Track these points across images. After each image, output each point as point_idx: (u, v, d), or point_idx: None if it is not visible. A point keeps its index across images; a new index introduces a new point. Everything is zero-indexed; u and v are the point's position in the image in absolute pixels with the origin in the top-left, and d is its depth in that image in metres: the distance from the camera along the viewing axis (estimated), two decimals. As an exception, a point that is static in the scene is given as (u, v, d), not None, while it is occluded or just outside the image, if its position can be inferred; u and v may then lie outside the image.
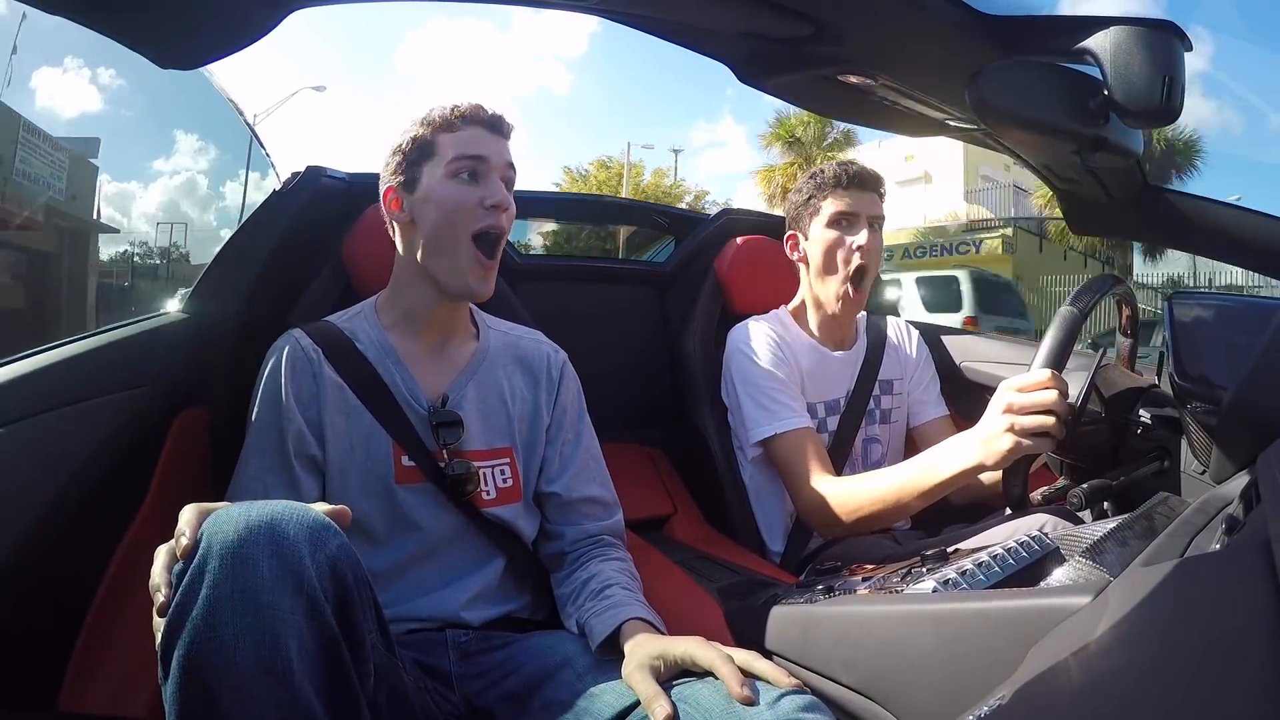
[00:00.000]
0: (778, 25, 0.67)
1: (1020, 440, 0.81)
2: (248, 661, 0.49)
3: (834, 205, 1.17)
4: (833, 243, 1.17)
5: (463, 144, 0.83)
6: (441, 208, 0.82)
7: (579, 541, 0.90)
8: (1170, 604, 0.46)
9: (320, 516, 0.56)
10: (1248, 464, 0.68)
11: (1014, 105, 0.63)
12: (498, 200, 0.83)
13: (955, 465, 0.89)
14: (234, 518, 0.52)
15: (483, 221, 0.83)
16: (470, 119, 0.84)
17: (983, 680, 0.58)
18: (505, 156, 0.85)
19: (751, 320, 1.23)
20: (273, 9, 0.51)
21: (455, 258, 0.83)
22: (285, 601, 0.50)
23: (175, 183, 11.58)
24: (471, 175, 0.83)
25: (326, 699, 0.52)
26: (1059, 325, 0.86)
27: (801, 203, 1.21)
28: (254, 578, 0.50)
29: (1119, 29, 0.59)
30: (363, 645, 0.56)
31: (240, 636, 0.49)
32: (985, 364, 1.38)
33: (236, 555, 0.50)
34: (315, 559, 0.53)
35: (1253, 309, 0.80)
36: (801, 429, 1.12)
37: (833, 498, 1.04)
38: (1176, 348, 0.75)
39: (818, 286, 1.21)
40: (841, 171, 1.18)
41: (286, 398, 0.81)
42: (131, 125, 8.42)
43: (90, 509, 0.82)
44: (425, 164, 0.84)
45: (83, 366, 0.86)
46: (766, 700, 0.60)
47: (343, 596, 0.54)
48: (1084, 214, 1.12)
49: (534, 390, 0.93)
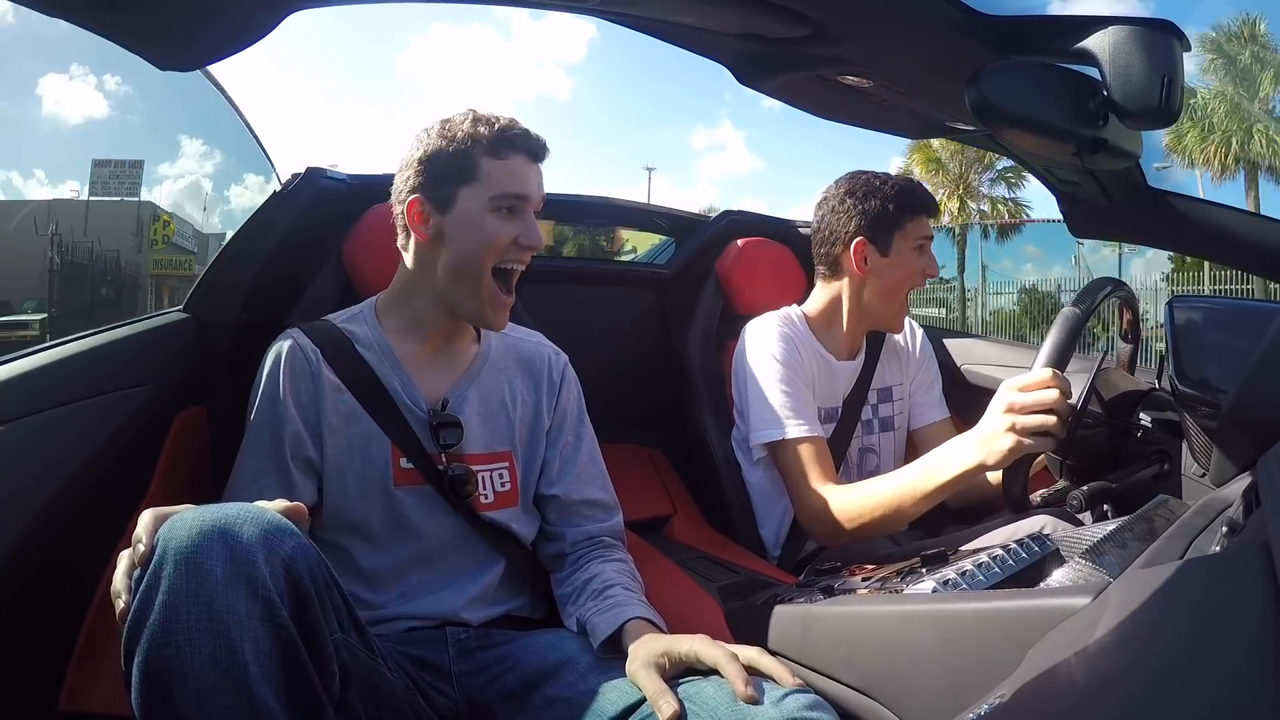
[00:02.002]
0: (776, 26, 0.67)
1: (1021, 439, 0.81)
2: (204, 665, 0.50)
3: (921, 228, 1.18)
4: (919, 266, 1.18)
5: (508, 178, 0.81)
6: (476, 239, 0.81)
7: (579, 543, 0.90)
8: (1170, 606, 0.46)
9: (276, 518, 0.56)
10: (1248, 467, 0.68)
11: (1013, 106, 0.63)
12: (532, 242, 0.82)
13: (956, 467, 0.89)
14: (188, 522, 0.53)
15: (510, 257, 0.82)
16: (517, 145, 0.82)
17: (982, 680, 0.58)
18: (542, 190, 0.84)
19: (768, 316, 1.21)
20: (271, 10, 0.51)
21: (475, 289, 0.82)
22: (240, 605, 0.51)
23: (179, 186, 11.90)
24: (511, 210, 0.82)
25: (287, 700, 0.53)
26: (1060, 326, 0.86)
27: (885, 215, 1.16)
28: (208, 582, 0.51)
29: (1117, 29, 0.59)
30: (324, 646, 0.56)
31: (196, 641, 0.50)
32: (987, 366, 1.38)
33: (190, 560, 0.51)
34: (270, 561, 0.53)
35: (1253, 312, 0.80)
36: (810, 437, 1.11)
37: (834, 506, 1.03)
38: (1177, 350, 0.75)
39: (876, 302, 1.20)
40: (927, 196, 1.19)
41: (284, 399, 0.81)
42: (135, 129, 8.77)
43: (90, 508, 0.82)
44: (465, 186, 0.81)
45: (84, 365, 0.87)
46: (772, 699, 0.60)
47: (300, 598, 0.55)
48: (1084, 215, 1.11)
49: (535, 393, 0.93)
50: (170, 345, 0.97)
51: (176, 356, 0.97)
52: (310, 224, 1.06)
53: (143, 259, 12.59)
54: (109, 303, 11.02)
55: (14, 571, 0.74)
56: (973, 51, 0.67)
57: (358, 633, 0.62)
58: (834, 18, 0.66)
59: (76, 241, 11.05)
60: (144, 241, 12.55)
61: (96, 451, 0.83)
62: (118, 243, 11.82)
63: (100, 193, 12.27)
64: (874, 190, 1.18)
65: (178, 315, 1.01)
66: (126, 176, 12.48)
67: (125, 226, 12.16)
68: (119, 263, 11.92)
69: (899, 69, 0.77)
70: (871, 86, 0.79)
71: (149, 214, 12.76)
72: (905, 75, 0.78)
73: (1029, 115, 0.63)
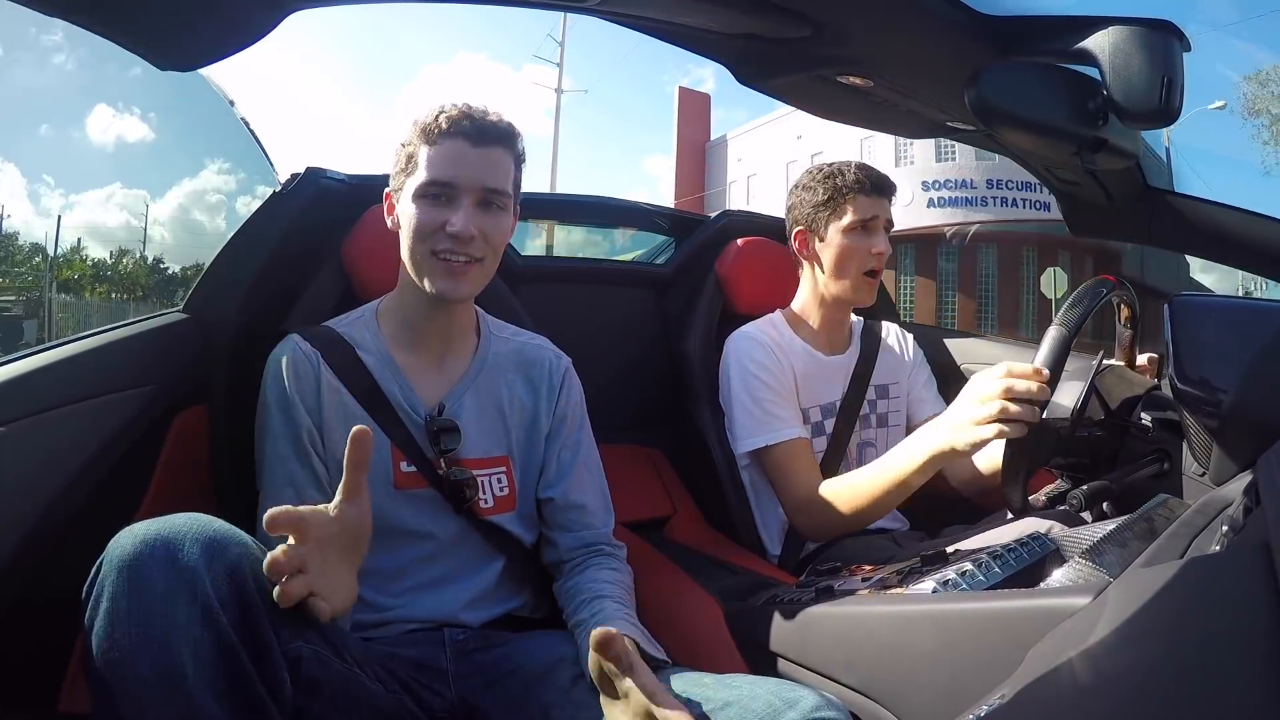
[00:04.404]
0: (777, 26, 0.67)
1: (986, 424, 0.80)
2: (145, 671, 0.51)
3: (856, 211, 1.18)
4: (853, 248, 1.18)
5: (435, 165, 0.79)
6: (407, 225, 0.81)
7: (575, 550, 0.89)
8: (1170, 605, 0.46)
9: (222, 527, 0.57)
10: (1248, 466, 0.68)
11: (1013, 106, 0.63)
12: (458, 230, 0.78)
13: (926, 450, 0.89)
14: (133, 534, 0.55)
15: (443, 246, 0.80)
16: (451, 130, 0.79)
17: (982, 680, 0.58)
18: (482, 178, 0.79)
19: (747, 327, 1.24)
20: (271, 10, 0.51)
21: (420, 269, 0.81)
22: (180, 611, 0.52)
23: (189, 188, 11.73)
24: (440, 197, 0.80)
25: (230, 703, 0.53)
26: (1048, 346, 0.84)
27: (819, 203, 1.20)
28: (148, 590, 0.52)
29: (1118, 29, 0.59)
30: (270, 650, 0.56)
31: (137, 648, 0.51)
32: (987, 366, 1.38)
33: (131, 569, 0.53)
34: (212, 568, 0.54)
35: (1253, 311, 0.80)
36: (791, 440, 1.13)
37: (817, 502, 1.05)
38: (1177, 350, 0.75)
39: (829, 285, 1.22)
40: (864, 177, 1.19)
41: (294, 401, 0.81)
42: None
43: (90, 508, 0.82)
44: (409, 176, 0.81)
45: (84, 366, 0.86)
46: (789, 701, 0.60)
47: (245, 604, 0.55)
48: (1084, 215, 1.12)
49: (533, 398, 0.92)
50: (170, 346, 0.97)
51: (176, 357, 0.97)
52: (310, 224, 1.06)
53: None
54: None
55: (14, 572, 0.74)
56: (973, 51, 0.67)
57: (330, 643, 0.62)
58: (834, 18, 0.66)
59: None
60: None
61: (96, 451, 0.83)
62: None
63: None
64: (814, 180, 1.22)
65: (177, 316, 1.01)
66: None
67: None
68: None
69: (899, 69, 0.77)
70: (872, 86, 0.79)
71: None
72: (905, 75, 0.78)
73: (1029, 115, 0.63)
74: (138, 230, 15.56)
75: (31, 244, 12.93)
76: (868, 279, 1.20)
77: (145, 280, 13.27)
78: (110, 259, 13.51)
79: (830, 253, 1.20)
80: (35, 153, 15.49)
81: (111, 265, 13.33)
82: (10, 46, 16.22)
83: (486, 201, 0.81)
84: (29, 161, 15.38)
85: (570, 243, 1.89)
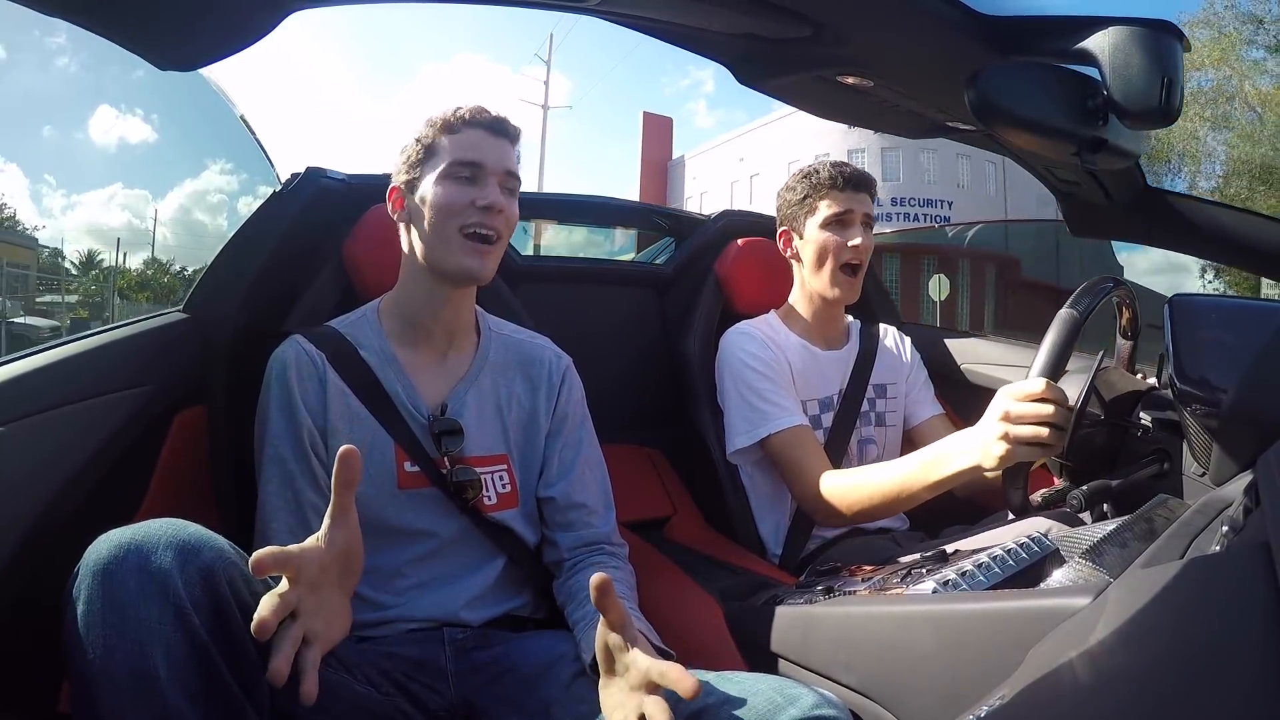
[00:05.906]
0: (776, 26, 0.67)
1: (1014, 448, 0.82)
2: (120, 672, 0.52)
3: (830, 206, 1.19)
4: (828, 243, 1.19)
5: (462, 148, 0.84)
6: (435, 206, 0.82)
7: (576, 549, 0.89)
8: (1170, 605, 0.46)
9: (196, 531, 0.57)
10: (1248, 466, 0.68)
11: (1013, 106, 0.63)
12: (489, 202, 0.82)
13: (952, 466, 0.90)
14: (108, 539, 0.56)
15: (472, 220, 0.83)
16: (471, 121, 0.85)
17: (982, 681, 0.58)
18: (505, 162, 0.85)
19: (740, 325, 1.25)
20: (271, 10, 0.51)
21: (448, 246, 0.83)
22: (152, 613, 0.53)
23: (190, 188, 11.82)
24: (468, 178, 0.83)
25: (203, 703, 0.54)
26: (1057, 329, 0.85)
27: (796, 202, 1.23)
28: (121, 593, 0.53)
29: (1117, 29, 0.59)
30: (244, 651, 0.57)
31: (111, 650, 0.52)
32: (987, 366, 1.38)
33: (105, 573, 0.54)
34: (185, 571, 0.55)
35: (1253, 311, 0.80)
36: (795, 426, 1.13)
37: (835, 489, 1.05)
38: (1177, 349, 0.75)
39: (811, 281, 1.23)
40: (837, 173, 1.20)
41: (296, 402, 0.81)
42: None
43: (90, 508, 0.82)
44: (428, 165, 0.84)
45: (84, 366, 0.86)
46: (789, 698, 0.60)
47: (219, 605, 0.56)
48: (1084, 216, 1.11)
49: (533, 396, 0.93)
50: (170, 346, 0.97)
51: (176, 357, 0.97)
52: (310, 224, 1.06)
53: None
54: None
55: (14, 572, 0.74)
56: (973, 51, 0.67)
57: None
58: (834, 18, 0.66)
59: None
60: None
61: (96, 451, 0.83)
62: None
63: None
64: (795, 180, 1.25)
65: (177, 315, 1.01)
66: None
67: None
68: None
69: (899, 69, 0.77)
70: (872, 86, 0.79)
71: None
72: (905, 75, 0.78)
73: (1029, 115, 0.63)
74: (139, 230, 16.29)
75: (86, 254, 15.36)
76: (846, 275, 1.20)
77: (180, 289, 14.51)
78: (148, 269, 15.68)
79: (809, 249, 1.21)
80: (38, 154, 15.66)
81: (153, 276, 15.40)
82: (14, 49, 16.35)
83: (505, 185, 0.85)
84: (30, 162, 15.51)
85: (571, 242, 1.90)
